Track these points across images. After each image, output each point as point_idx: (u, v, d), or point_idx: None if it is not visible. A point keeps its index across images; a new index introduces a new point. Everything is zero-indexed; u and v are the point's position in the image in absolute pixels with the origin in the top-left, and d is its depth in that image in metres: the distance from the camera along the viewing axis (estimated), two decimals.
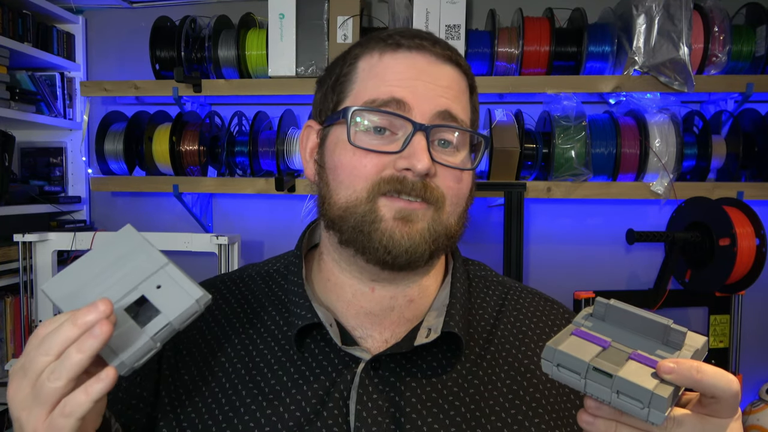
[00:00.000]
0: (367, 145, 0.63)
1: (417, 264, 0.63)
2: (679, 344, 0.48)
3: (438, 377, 0.64)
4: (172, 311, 0.52)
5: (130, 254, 0.54)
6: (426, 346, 0.64)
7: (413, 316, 0.69)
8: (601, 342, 0.49)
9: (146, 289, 0.53)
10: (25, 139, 2.18)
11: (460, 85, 0.67)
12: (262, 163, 1.94)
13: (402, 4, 1.81)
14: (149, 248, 0.54)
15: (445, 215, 0.64)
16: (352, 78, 0.67)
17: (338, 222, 0.64)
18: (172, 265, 0.54)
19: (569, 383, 0.47)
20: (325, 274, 0.71)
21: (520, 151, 1.77)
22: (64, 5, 2.08)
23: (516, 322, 0.72)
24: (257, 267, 0.78)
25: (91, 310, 0.47)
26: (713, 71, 1.83)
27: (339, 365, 0.64)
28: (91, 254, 0.54)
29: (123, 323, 0.51)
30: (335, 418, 0.61)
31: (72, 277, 0.53)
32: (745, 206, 1.65)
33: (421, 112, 0.62)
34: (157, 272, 0.53)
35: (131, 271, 0.53)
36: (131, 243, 0.54)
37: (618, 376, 0.45)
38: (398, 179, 0.61)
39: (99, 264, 0.53)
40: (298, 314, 0.65)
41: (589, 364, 0.46)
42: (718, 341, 1.79)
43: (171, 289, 0.53)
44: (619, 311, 0.51)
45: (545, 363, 0.49)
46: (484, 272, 0.78)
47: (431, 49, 0.65)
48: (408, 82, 0.63)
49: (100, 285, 0.52)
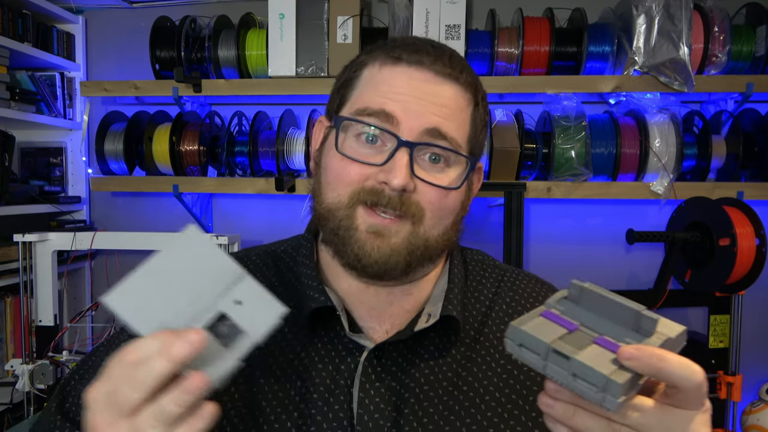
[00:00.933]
0: (353, 153, 0.64)
1: (391, 275, 0.64)
2: (650, 332, 0.46)
3: (435, 361, 0.66)
4: (257, 330, 0.48)
5: (202, 262, 0.49)
6: (425, 332, 0.66)
7: (413, 307, 0.70)
8: (567, 324, 0.48)
9: (226, 305, 0.49)
10: (25, 139, 2.18)
11: (457, 103, 0.66)
12: (262, 163, 1.94)
13: (402, 4, 1.81)
14: (222, 256, 0.50)
15: (424, 228, 0.64)
16: (355, 84, 0.68)
17: (323, 221, 0.67)
18: (249, 277, 0.50)
19: (530, 364, 0.47)
20: (322, 266, 0.72)
21: (520, 151, 1.77)
22: (64, 5, 2.08)
23: (512, 303, 0.73)
24: (263, 247, 0.78)
25: (184, 342, 0.44)
26: (713, 71, 1.83)
27: (343, 352, 0.66)
28: (157, 260, 0.49)
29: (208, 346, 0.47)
30: (340, 404, 0.63)
31: (139, 287, 0.48)
32: (745, 206, 1.65)
33: (409, 127, 0.63)
34: (235, 285, 0.49)
35: (206, 283, 0.49)
36: (200, 248, 0.49)
37: (574, 358, 0.44)
38: (376, 191, 0.62)
39: (167, 272, 0.49)
40: (310, 296, 0.66)
41: (550, 345, 0.45)
42: (718, 341, 1.79)
43: (253, 305, 0.49)
44: (593, 295, 0.49)
45: (508, 342, 0.48)
46: (481, 257, 0.80)
47: (430, 67, 0.65)
48: (401, 97, 0.64)
49: (173, 299, 0.48)
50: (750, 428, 1.75)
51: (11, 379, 1.86)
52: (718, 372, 1.76)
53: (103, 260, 2.21)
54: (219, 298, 0.49)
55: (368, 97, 0.66)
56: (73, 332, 2.05)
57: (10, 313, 1.94)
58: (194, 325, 0.48)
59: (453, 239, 0.68)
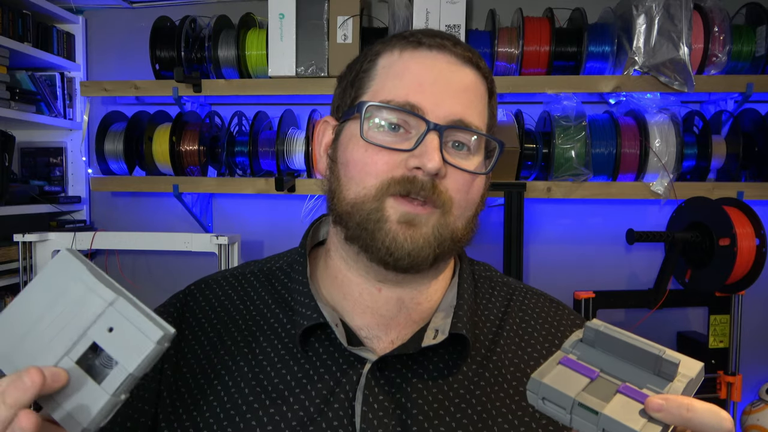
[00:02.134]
0: (380, 141, 0.62)
1: (420, 267, 0.63)
2: (672, 375, 0.45)
3: (444, 379, 0.64)
4: (130, 360, 0.43)
5: (72, 289, 0.45)
6: (432, 347, 0.64)
7: (420, 318, 0.69)
8: (588, 372, 0.47)
9: (97, 333, 0.44)
10: (25, 139, 2.18)
11: (478, 89, 0.66)
12: (262, 163, 1.94)
13: (402, 4, 1.81)
14: (92, 280, 0.45)
15: (452, 219, 0.63)
16: (372, 75, 0.66)
17: (345, 217, 0.64)
18: (122, 300, 0.45)
19: (555, 417, 0.46)
20: (332, 271, 0.70)
21: (520, 151, 1.77)
22: (64, 5, 2.08)
23: (522, 323, 0.72)
24: (259, 264, 0.77)
25: (17, 384, 0.41)
26: (713, 71, 1.83)
27: (344, 365, 0.64)
28: (28, 292, 0.45)
29: (77, 381, 0.43)
30: (340, 420, 0.60)
31: (8, 326, 0.45)
32: (745, 206, 1.65)
33: (435, 116, 0.62)
34: (105, 311, 0.45)
35: (77, 312, 0.45)
36: (71, 274, 0.45)
37: (604, 414, 0.43)
38: (408, 179, 0.61)
39: (39, 304, 0.45)
40: (303, 314, 0.65)
41: (575, 399, 0.44)
42: (718, 341, 1.79)
43: (125, 331, 0.44)
44: (609, 338, 0.48)
45: (530, 395, 0.47)
46: (490, 273, 0.78)
47: (452, 50, 0.64)
48: (425, 87, 0.62)
49: (42, 334, 0.44)
50: (750, 428, 1.75)
51: None
52: (718, 372, 1.76)
53: (103, 260, 2.21)
54: (91, 327, 0.45)
55: (391, 87, 0.64)
56: None
57: None
58: (66, 359, 0.44)
59: (472, 234, 0.68)
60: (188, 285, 0.77)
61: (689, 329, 2.03)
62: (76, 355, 0.44)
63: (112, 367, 0.44)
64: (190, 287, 0.76)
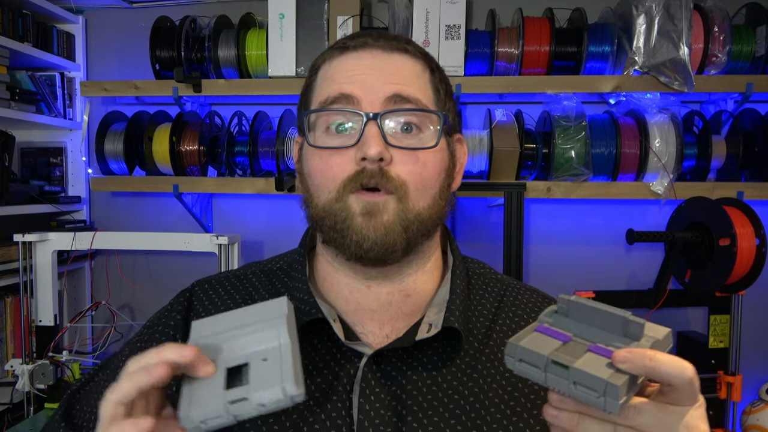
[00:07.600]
0: (329, 144, 0.65)
1: (394, 255, 0.64)
2: (638, 335, 0.48)
3: (438, 371, 0.66)
4: (257, 388, 0.48)
5: (267, 322, 0.53)
6: (427, 341, 0.66)
7: (411, 311, 0.70)
8: (561, 336, 0.50)
9: (254, 358, 0.51)
10: (25, 139, 2.18)
11: (412, 70, 0.68)
12: (262, 163, 1.94)
13: (402, 4, 1.81)
14: (282, 322, 0.53)
15: (411, 202, 0.64)
16: (313, 87, 0.71)
17: (320, 223, 0.67)
18: (291, 347, 0.51)
19: (532, 377, 0.49)
20: (321, 273, 0.73)
21: (520, 151, 1.77)
22: (64, 5, 2.08)
23: (514, 318, 0.74)
24: (260, 264, 0.80)
25: (176, 351, 0.48)
26: (713, 71, 1.83)
27: (342, 360, 0.66)
28: (244, 310, 0.55)
29: (215, 380, 0.49)
30: (338, 411, 0.63)
31: (216, 324, 0.54)
32: (745, 206, 1.65)
33: (370, 101, 0.64)
34: (273, 346, 0.51)
35: (257, 337, 0.52)
36: (275, 312, 0.54)
37: (573, 366, 0.46)
38: (359, 172, 0.63)
39: (242, 321, 0.54)
40: (302, 310, 0.67)
41: (548, 357, 0.47)
42: (718, 341, 1.79)
43: (272, 367, 0.49)
44: (580, 306, 0.52)
45: (508, 359, 0.50)
46: (483, 269, 0.80)
47: (375, 44, 0.67)
48: (355, 78, 0.65)
49: (227, 339, 0.52)
50: (750, 428, 1.75)
51: (11, 379, 1.86)
52: (718, 372, 1.76)
53: (103, 260, 2.21)
54: (255, 352, 0.51)
55: (325, 88, 0.67)
56: (73, 332, 2.05)
57: (10, 313, 1.94)
58: (225, 360, 0.51)
59: (444, 210, 0.68)
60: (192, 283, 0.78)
61: (689, 329, 2.03)
62: (232, 363, 0.51)
63: (241, 385, 0.49)
64: (194, 288, 0.77)
